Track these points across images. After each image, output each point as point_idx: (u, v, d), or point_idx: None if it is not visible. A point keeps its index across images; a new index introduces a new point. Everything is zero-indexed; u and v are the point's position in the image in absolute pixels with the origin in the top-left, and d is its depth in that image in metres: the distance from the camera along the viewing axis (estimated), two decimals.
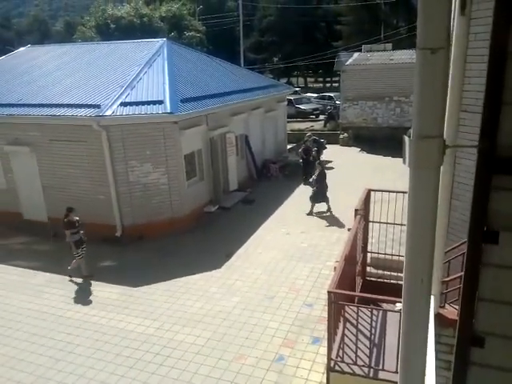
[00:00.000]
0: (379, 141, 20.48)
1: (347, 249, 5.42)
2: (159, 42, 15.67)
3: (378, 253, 7.59)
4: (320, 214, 12.89)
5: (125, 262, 10.40)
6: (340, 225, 12.00)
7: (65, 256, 10.81)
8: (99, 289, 9.35)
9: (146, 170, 11.64)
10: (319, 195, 12.83)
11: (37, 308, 8.74)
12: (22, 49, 18.76)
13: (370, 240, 7.48)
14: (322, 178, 12.84)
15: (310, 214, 12.90)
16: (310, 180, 13.28)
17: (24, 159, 12.46)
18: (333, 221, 12.34)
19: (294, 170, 17.52)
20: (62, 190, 12.18)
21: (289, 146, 20.95)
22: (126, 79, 12.48)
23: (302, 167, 16.71)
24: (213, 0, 57.09)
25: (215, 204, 13.61)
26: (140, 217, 11.70)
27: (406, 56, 21.37)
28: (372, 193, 7.03)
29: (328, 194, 12.96)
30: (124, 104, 11.34)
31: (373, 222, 7.14)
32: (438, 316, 3.78)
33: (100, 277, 9.76)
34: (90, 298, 9.03)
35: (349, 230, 5.93)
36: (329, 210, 12.94)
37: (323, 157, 18.97)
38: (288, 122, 22.16)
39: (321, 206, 13.00)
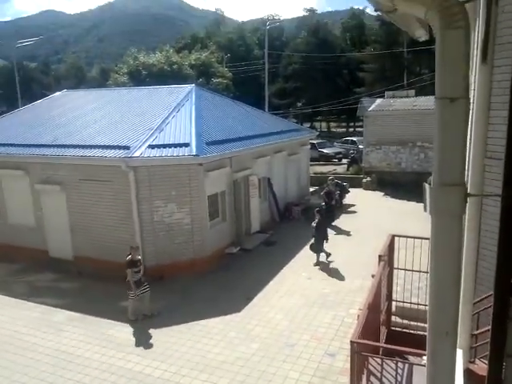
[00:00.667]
0: (403, 185, 20.29)
1: (371, 296, 5.26)
2: (188, 87, 16.36)
3: (404, 301, 7.31)
4: (327, 264, 12.42)
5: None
6: (363, 271, 11.60)
7: (88, 294, 10.88)
8: (118, 329, 9.27)
9: (170, 210, 11.80)
10: (319, 244, 12.47)
11: (53, 346, 8.70)
12: (58, 93, 19.87)
13: (394, 288, 7.24)
14: (320, 226, 12.48)
15: (317, 264, 12.37)
16: (313, 224, 12.70)
17: (54, 198, 12.86)
18: (355, 266, 12.02)
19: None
20: (89, 228, 12.44)
21: (311, 189, 20.98)
22: (155, 122, 12.95)
23: (324, 210, 16.57)
24: (240, 48, 59.77)
25: (237, 245, 13.58)
26: (162, 257, 11.75)
27: (429, 102, 21.50)
28: (396, 238, 6.88)
29: (330, 241, 12.65)
30: (152, 146, 11.71)
31: (398, 268, 6.95)
32: (467, 372, 3.57)
33: (119, 317, 9.69)
34: (108, 338, 8.94)
35: (372, 276, 5.77)
36: (328, 256, 12.53)
37: (346, 200, 18.90)
38: (311, 165, 22.31)
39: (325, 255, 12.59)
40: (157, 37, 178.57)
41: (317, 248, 12.48)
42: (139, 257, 9.53)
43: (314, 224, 12.55)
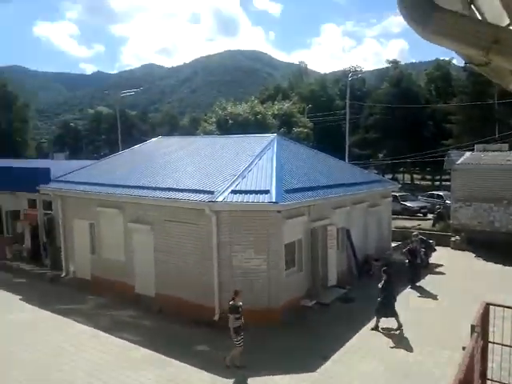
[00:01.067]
0: (497, 247, 18.52)
1: (462, 372, 4.79)
2: (270, 136, 16.99)
3: (501, 382, 6.51)
4: (388, 331, 11.25)
5: (218, 349, 10.17)
6: (452, 341, 10.05)
7: (166, 334, 11.17)
8: (191, 373, 9.31)
9: (248, 256, 11.97)
10: (385, 308, 11.22)
11: (127, 382, 8.94)
12: (153, 139, 21.68)
13: (489, 364, 6.47)
14: (388, 287, 11.31)
15: (375, 328, 11.27)
16: (379, 286, 11.54)
17: (143, 236, 13.73)
18: (443, 335, 10.84)
19: (398, 270, 16.45)
20: (171, 267, 13.01)
21: (393, 244, 20.02)
22: (239, 169, 13.49)
23: (407, 268, 15.62)
24: (321, 99, 61.00)
25: (312, 298, 13.22)
26: None
27: None
28: (492, 308, 6.27)
29: (398, 307, 11.32)
30: (234, 192, 12.14)
31: (493, 343, 6.27)
32: None
33: (192, 361, 9.74)
34: (182, 381, 9.01)
35: (463, 349, 5.27)
36: (399, 327, 11.21)
37: (432, 259, 17.70)
38: (393, 218, 21.47)
39: (389, 321, 11.36)
40: (243, 87, 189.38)
41: (380, 311, 11.32)
42: (240, 303, 9.19)
43: (380, 285, 11.47)
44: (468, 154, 22.73)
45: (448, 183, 30.14)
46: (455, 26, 1.86)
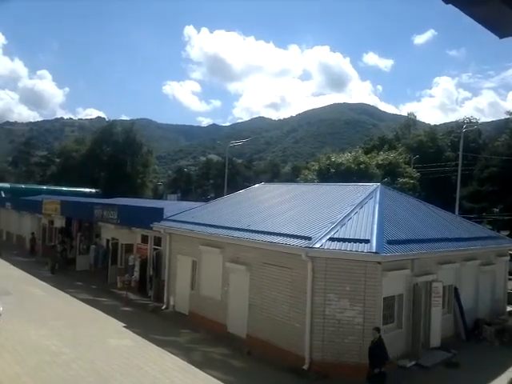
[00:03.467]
0: None
1: None
2: (373, 186, 16.64)
3: None
4: None
5: None
6: None
7: (254, 377, 11.12)
8: None
9: (342, 306, 11.59)
10: None
11: None
12: (256, 185, 22.69)
13: None
14: None
15: None
16: None
17: (239, 276, 14.16)
18: None
19: None
20: (263, 310, 13.11)
21: (509, 308, 17.74)
22: (338, 217, 13.37)
23: None
24: (429, 150, 58.26)
25: (412, 359, 12.18)
26: (329, 354, 11.39)
27: None
28: None
29: None
30: (332, 239, 12.01)
31: None
32: None
33: None
34: None
35: None
36: None
37: None
38: (510, 279, 19.14)
39: None
40: (346, 138, 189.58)
41: None
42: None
43: None
44: None
45: None
46: None
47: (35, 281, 22.25)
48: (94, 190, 47.42)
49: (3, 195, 43.10)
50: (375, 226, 12.41)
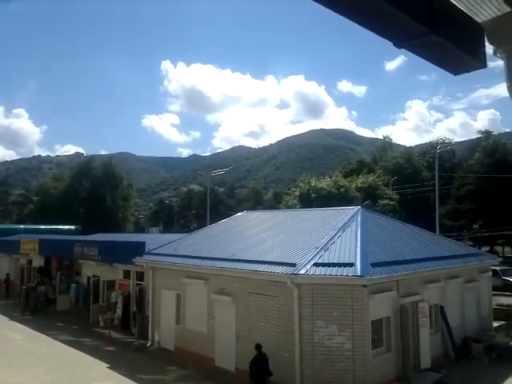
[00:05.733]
0: None
1: None
2: (354, 209, 16.80)
3: None
4: None
5: None
6: None
7: None
8: None
9: (330, 333, 11.45)
10: None
11: None
12: (239, 214, 22.65)
13: None
14: None
15: None
16: None
17: (225, 308, 13.89)
18: None
19: (503, 353, 14.51)
20: (252, 341, 12.79)
21: (495, 324, 17.84)
22: (321, 242, 13.37)
23: None
24: (406, 171, 59.62)
25: (403, 382, 12.05)
26: (320, 382, 11.16)
27: None
28: None
29: None
30: (317, 264, 11.97)
31: None
32: None
33: None
34: None
35: None
36: None
37: None
38: (493, 294, 19.34)
39: None
40: (325, 164, 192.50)
41: None
42: None
43: None
44: None
45: None
46: None
47: (14, 324, 21.42)
48: (73, 227, 46.57)
49: None
50: (358, 249, 12.46)
